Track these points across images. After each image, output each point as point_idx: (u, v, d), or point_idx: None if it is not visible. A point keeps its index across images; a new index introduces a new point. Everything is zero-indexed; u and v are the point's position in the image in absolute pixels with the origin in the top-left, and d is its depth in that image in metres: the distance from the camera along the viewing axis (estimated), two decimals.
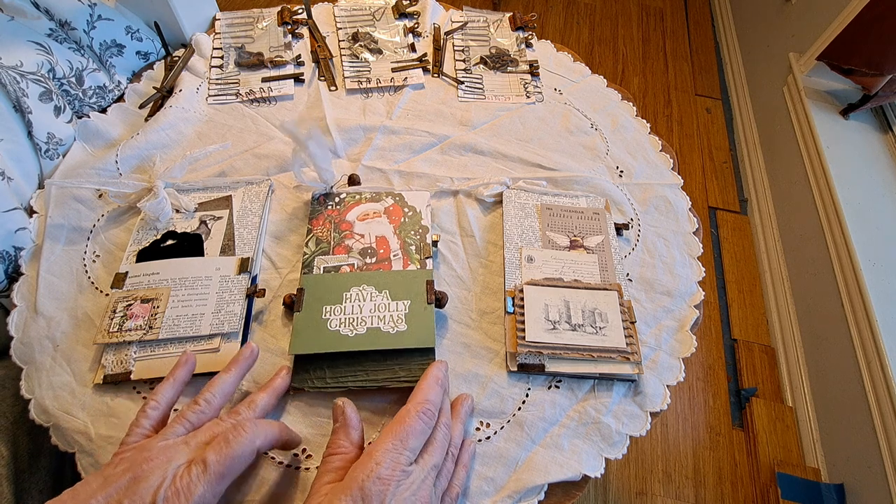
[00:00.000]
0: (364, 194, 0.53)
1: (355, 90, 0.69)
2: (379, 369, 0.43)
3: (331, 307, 0.45)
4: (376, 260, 0.49)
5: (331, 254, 0.49)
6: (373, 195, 0.53)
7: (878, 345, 0.96)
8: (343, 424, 0.39)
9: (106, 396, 0.44)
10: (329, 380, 0.42)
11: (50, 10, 0.61)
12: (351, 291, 0.46)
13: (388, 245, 0.50)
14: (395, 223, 0.51)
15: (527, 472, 0.43)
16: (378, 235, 0.50)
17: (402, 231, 0.51)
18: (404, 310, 0.45)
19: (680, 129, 1.73)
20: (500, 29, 0.79)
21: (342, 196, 0.53)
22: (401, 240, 0.50)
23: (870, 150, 1.26)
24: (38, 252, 0.52)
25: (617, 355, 0.47)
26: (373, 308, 0.45)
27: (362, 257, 0.49)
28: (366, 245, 0.50)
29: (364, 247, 0.50)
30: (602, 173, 0.64)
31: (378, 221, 0.51)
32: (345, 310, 0.45)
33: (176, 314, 0.47)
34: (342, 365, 0.43)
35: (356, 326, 0.44)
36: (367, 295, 0.46)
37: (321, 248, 0.49)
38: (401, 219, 0.52)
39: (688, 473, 1.10)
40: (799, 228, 1.31)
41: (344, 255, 0.49)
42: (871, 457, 0.95)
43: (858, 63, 1.20)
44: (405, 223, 0.51)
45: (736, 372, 1.26)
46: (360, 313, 0.44)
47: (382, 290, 0.46)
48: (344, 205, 0.53)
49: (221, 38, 0.73)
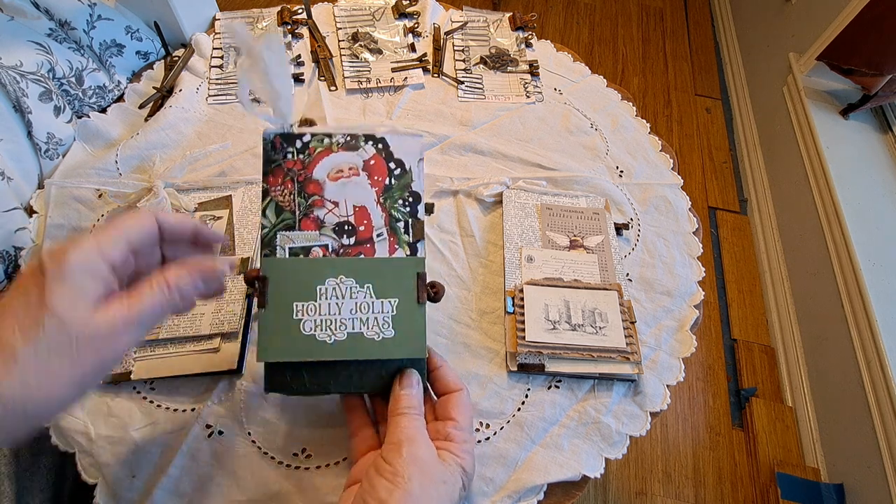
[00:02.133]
0: (335, 138, 0.39)
1: (355, 90, 0.69)
2: (363, 373, 0.38)
3: (303, 304, 0.37)
4: (355, 241, 0.38)
5: (297, 228, 0.38)
6: (347, 140, 0.39)
7: (878, 345, 0.97)
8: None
9: (106, 396, 0.44)
10: (309, 384, 0.38)
11: (50, 9, 0.61)
12: (326, 284, 0.37)
13: (369, 219, 0.39)
14: (379, 186, 0.39)
15: (526, 472, 0.43)
16: (357, 205, 0.39)
17: (388, 199, 0.39)
18: (391, 310, 0.38)
19: (680, 129, 1.73)
20: (499, 29, 0.79)
21: (306, 139, 0.39)
22: (386, 212, 0.39)
23: (870, 150, 1.26)
24: (38, 252, 0.52)
25: (617, 355, 0.47)
26: (354, 308, 0.37)
27: (338, 236, 0.38)
28: (341, 218, 0.38)
29: (339, 220, 0.38)
30: (602, 173, 0.64)
31: (356, 183, 0.39)
32: (320, 309, 0.37)
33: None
34: (322, 369, 0.38)
35: (335, 331, 0.37)
36: (347, 290, 0.37)
37: (284, 220, 0.38)
38: (385, 179, 0.39)
39: (688, 473, 1.10)
40: (799, 228, 1.31)
41: (314, 231, 0.38)
42: (871, 457, 0.95)
43: (858, 63, 1.20)
44: (391, 187, 0.39)
45: (736, 372, 1.26)
46: (338, 314, 0.37)
47: (365, 283, 0.37)
48: (309, 153, 0.39)
49: (221, 38, 0.73)
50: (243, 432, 0.44)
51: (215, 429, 0.44)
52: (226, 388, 0.45)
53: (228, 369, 0.45)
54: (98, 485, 0.41)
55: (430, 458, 0.33)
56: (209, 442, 0.43)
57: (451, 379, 0.38)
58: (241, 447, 0.43)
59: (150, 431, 0.43)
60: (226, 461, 0.42)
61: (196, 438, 0.43)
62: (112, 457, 0.42)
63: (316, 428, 0.44)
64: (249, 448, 0.43)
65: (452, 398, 0.38)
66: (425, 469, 0.32)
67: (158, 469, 0.42)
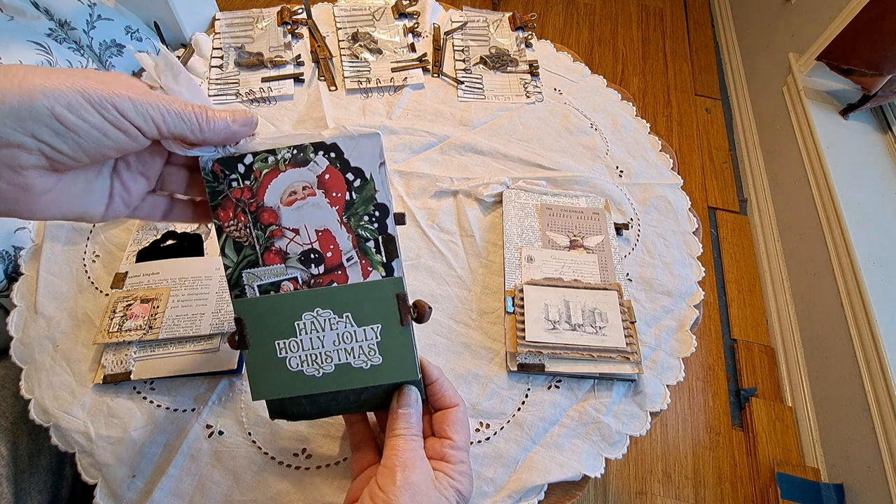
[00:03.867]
0: (280, 154, 0.34)
1: (355, 90, 0.69)
2: (361, 393, 0.37)
3: (284, 342, 0.35)
4: (324, 269, 0.35)
5: (261, 264, 0.35)
6: (294, 154, 0.34)
7: (877, 345, 0.96)
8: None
9: (106, 396, 0.44)
10: (309, 410, 0.37)
11: (49, 9, 0.61)
12: (303, 319, 0.35)
13: (335, 243, 0.35)
14: (339, 204, 0.35)
15: (527, 472, 0.43)
16: (319, 229, 0.35)
17: (352, 216, 0.35)
18: (375, 337, 0.35)
19: (680, 129, 1.73)
20: (499, 29, 0.79)
21: (248, 161, 0.34)
22: (352, 232, 0.35)
23: (869, 150, 1.26)
24: (37, 252, 0.52)
25: (617, 355, 0.47)
26: (336, 339, 0.35)
27: (305, 266, 0.35)
28: (305, 246, 0.35)
29: (304, 248, 0.35)
30: (602, 173, 0.64)
31: (313, 204, 0.35)
32: (302, 344, 0.35)
33: (176, 314, 0.47)
34: (320, 395, 0.37)
35: (321, 364, 0.35)
36: (325, 322, 0.35)
37: (246, 256, 0.35)
38: (345, 194, 0.35)
39: (687, 473, 1.10)
40: (798, 228, 1.31)
41: (279, 264, 0.35)
42: (871, 457, 0.95)
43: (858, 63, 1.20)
44: (353, 202, 0.35)
45: (735, 372, 1.26)
46: (321, 347, 0.35)
47: (343, 313, 0.35)
48: (255, 177, 0.34)
49: (221, 38, 0.72)
50: (243, 432, 0.44)
51: (215, 429, 0.44)
52: (226, 388, 0.45)
53: (228, 369, 0.45)
54: (98, 485, 0.41)
55: (424, 486, 0.33)
56: (209, 442, 0.43)
57: (449, 394, 0.38)
58: (241, 447, 0.43)
59: (150, 431, 0.43)
60: (226, 461, 0.42)
61: (196, 438, 0.43)
62: (112, 457, 0.42)
63: (316, 428, 0.44)
64: (249, 448, 0.43)
65: (450, 415, 0.37)
66: (418, 497, 0.32)
67: (158, 469, 0.42)
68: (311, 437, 0.44)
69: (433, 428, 0.37)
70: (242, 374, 0.46)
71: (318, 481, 0.42)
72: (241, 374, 0.46)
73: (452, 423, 0.37)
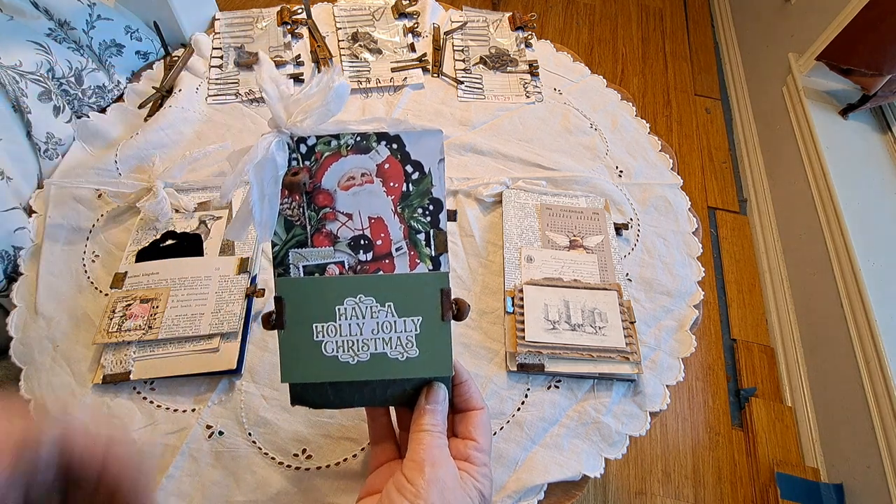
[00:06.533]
0: (343, 139, 0.35)
1: (355, 90, 0.69)
2: (387, 387, 0.37)
3: (323, 325, 0.35)
4: (373, 256, 0.36)
5: (310, 245, 0.35)
6: (357, 141, 0.35)
7: (877, 345, 0.97)
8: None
9: (106, 396, 0.44)
10: (333, 398, 0.37)
11: (49, 9, 0.61)
12: (345, 304, 0.35)
13: (387, 232, 0.36)
14: (395, 194, 0.36)
15: (526, 472, 0.43)
16: (372, 216, 0.36)
17: (406, 208, 0.36)
18: (414, 329, 0.36)
19: (679, 129, 1.73)
20: (499, 29, 0.79)
21: (311, 143, 0.35)
22: (404, 223, 0.36)
23: (869, 150, 1.26)
24: (37, 252, 0.52)
25: (616, 355, 0.47)
26: (375, 328, 0.35)
27: (354, 252, 0.35)
28: (356, 232, 0.36)
29: (354, 234, 0.36)
30: (602, 173, 0.64)
31: (370, 191, 0.36)
32: (340, 329, 0.35)
33: (175, 314, 0.47)
34: (346, 384, 0.37)
35: (357, 352, 0.35)
36: (367, 309, 0.35)
37: (295, 236, 0.35)
38: (402, 185, 0.36)
39: (687, 473, 1.10)
40: (798, 228, 1.31)
41: (328, 247, 0.35)
42: (871, 457, 0.95)
43: (858, 63, 1.20)
44: (409, 194, 0.36)
45: (735, 372, 1.26)
46: (360, 335, 0.35)
47: (385, 302, 0.35)
48: (315, 159, 0.35)
49: (221, 38, 0.72)
50: (244, 433, 0.44)
51: (215, 429, 0.44)
52: (226, 389, 0.45)
53: (228, 369, 0.45)
54: None
55: (451, 483, 0.33)
56: (209, 442, 0.43)
57: (475, 396, 0.38)
58: (241, 448, 0.43)
59: (150, 431, 0.43)
60: (226, 461, 0.42)
61: (196, 439, 0.43)
62: None
63: (316, 428, 0.44)
64: (250, 448, 0.43)
65: (475, 417, 0.37)
66: (446, 493, 0.32)
67: (159, 469, 0.42)
68: (311, 437, 0.44)
69: (456, 429, 0.37)
70: (242, 374, 0.46)
71: (318, 482, 0.42)
72: (241, 374, 0.46)
73: (477, 425, 0.37)
